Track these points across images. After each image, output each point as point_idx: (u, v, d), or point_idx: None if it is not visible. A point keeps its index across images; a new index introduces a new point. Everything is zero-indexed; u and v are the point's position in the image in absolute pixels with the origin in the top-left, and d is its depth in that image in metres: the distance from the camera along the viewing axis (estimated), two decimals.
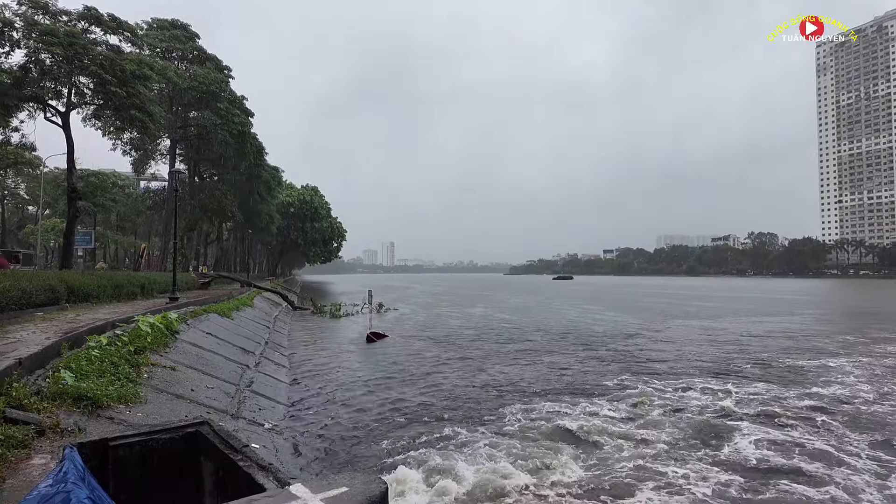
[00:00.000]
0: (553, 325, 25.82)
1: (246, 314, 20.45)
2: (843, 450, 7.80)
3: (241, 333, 15.82)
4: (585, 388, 11.95)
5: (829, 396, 11.11)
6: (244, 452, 4.35)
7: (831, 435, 8.55)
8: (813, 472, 6.93)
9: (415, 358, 16.36)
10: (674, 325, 26.00)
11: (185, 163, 42.35)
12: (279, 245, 78.88)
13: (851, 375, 13.35)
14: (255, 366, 12.20)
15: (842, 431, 8.73)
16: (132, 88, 23.08)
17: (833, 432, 8.69)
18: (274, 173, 59.43)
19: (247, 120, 41.99)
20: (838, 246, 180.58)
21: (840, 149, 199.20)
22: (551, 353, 17.42)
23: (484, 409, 10.03)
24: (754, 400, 10.73)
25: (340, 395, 11.30)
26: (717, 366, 14.88)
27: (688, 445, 8.02)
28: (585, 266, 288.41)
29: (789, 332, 22.99)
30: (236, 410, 7.98)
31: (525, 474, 6.74)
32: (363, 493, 3.36)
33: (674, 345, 19.10)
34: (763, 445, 7.98)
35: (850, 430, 8.83)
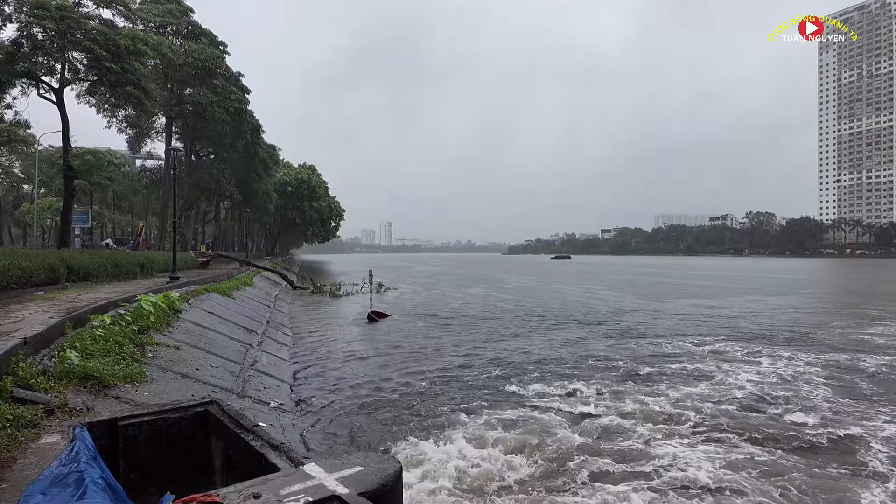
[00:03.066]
0: (557, 307, 25.85)
1: (247, 293, 20.43)
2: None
3: (243, 313, 15.81)
4: (600, 367, 12.00)
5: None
6: (255, 432, 4.35)
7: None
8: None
9: (417, 337, 16.40)
10: (684, 307, 26.09)
11: (181, 141, 41.92)
12: (277, 224, 78.61)
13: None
14: (258, 345, 12.20)
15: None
16: (127, 64, 22.62)
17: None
18: (271, 152, 58.96)
19: (243, 97, 41.43)
20: (836, 225, 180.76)
21: (840, 128, 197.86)
22: (556, 333, 17.46)
23: (492, 390, 10.04)
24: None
25: (345, 373, 11.32)
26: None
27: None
28: (583, 246, 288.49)
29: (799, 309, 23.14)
30: (242, 389, 7.99)
31: (529, 455, 6.78)
32: (378, 473, 3.36)
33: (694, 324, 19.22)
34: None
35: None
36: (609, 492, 5.78)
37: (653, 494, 5.75)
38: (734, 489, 5.85)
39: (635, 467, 6.41)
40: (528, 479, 6.11)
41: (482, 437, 7.32)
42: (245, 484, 3.10)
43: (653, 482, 6.04)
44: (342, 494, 2.92)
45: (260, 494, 2.90)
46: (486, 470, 6.25)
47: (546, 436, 7.36)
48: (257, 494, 2.90)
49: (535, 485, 5.96)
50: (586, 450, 6.89)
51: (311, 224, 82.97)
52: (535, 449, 6.90)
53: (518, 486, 5.94)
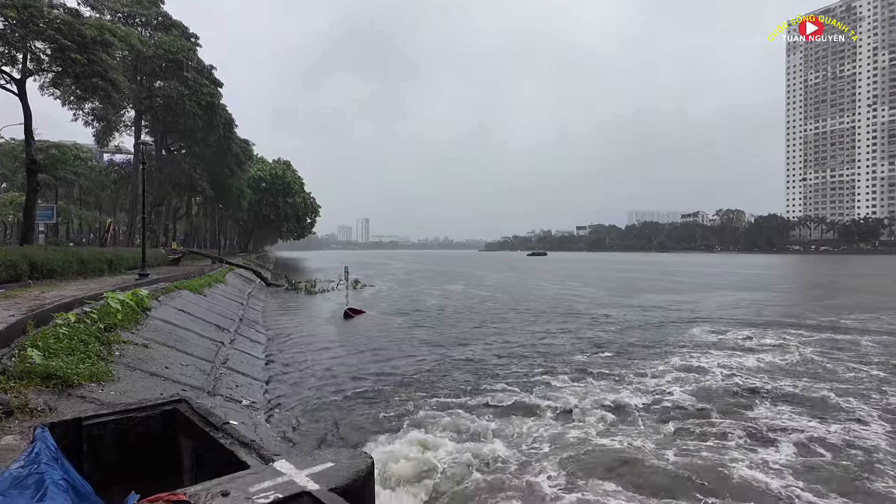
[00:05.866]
0: (536, 303, 26.06)
1: (219, 291, 20.09)
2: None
3: (215, 310, 15.55)
4: (580, 361, 12.14)
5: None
6: (224, 429, 4.28)
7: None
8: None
9: (394, 334, 16.35)
10: (661, 301, 26.58)
11: (151, 135, 40.87)
12: (251, 221, 77.44)
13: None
14: (230, 342, 12.02)
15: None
16: (93, 55, 21.95)
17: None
18: (245, 147, 57.99)
19: (216, 90, 40.61)
20: (801, 223, 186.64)
21: (806, 128, 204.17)
22: (533, 330, 17.60)
23: (467, 385, 10.08)
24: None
25: (319, 370, 11.23)
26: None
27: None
28: (559, 242, 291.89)
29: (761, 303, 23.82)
30: (213, 388, 7.86)
31: (507, 448, 6.84)
32: (349, 468, 3.34)
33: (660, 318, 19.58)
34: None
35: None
36: (597, 488, 5.88)
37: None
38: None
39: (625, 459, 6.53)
40: (506, 475, 6.15)
41: (457, 432, 7.34)
42: (213, 482, 3.05)
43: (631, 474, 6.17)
44: (313, 490, 2.89)
45: (228, 492, 2.86)
46: (462, 465, 6.29)
47: (523, 429, 7.44)
48: (226, 492, 2.86)
49: (511, 481, 6.01)
50: (563, 445, 6.99)
51: (285, 220, 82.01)
52: (512, 444, 6.96)
53: (493, 482, 5.98)
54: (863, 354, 12.95)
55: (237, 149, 51.80)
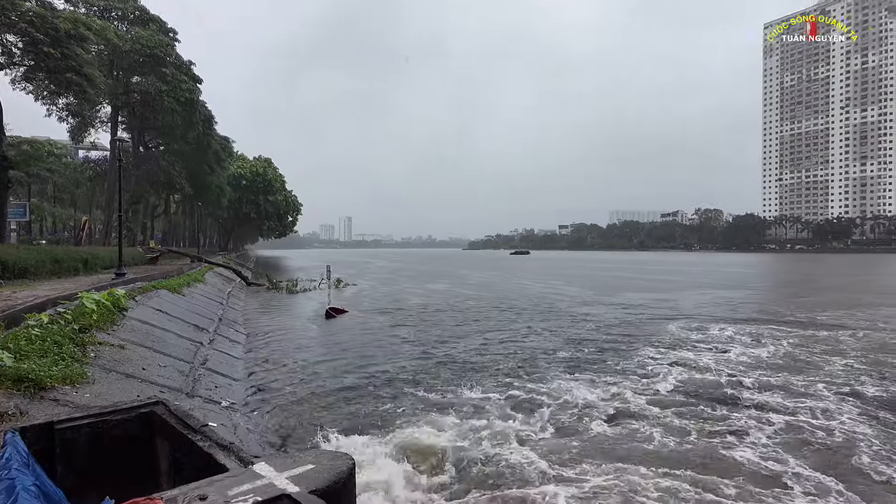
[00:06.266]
0: (519, 302, 26.14)
1: (198, 290, 19.80)
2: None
3: (194, 310, 15.32)
4: (562, 360, 12.23)
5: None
6: (203, 432, 4.21)
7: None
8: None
9: (376, 333, 16.29)
10: (644, 300, 26.88)
11: (128, 131, 40.05)
12: (231, 219, 76.49)
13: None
14: (209, 343, 11.85)
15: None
16: (67, 49, 21.45)
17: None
18: (224, 144, 57.27)
19: (195, 87, 39.95)
20: (777, 222, 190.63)
21: (782, 129, 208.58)
22: (517, 328, 17.68)
23: (451, 384, 10.07)
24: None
25: (300, 370, 11.13)
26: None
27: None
28: (542, 241, 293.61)
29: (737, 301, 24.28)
30: (191, 389, 7.75)
31: (491, 446, 6.86)
32: (330, 470, 3.32)
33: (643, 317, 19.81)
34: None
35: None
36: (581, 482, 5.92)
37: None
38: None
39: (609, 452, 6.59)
40: (485, 475, 6.17)
41: (440, 432, 7.34)
42: (191, 486, 3.00)
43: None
44: (293, 493, 2.87)
45: (206, 496, 2.82)
46: (445, 464, 6.29)
47: (505, 430, 7.47)
48: (203, 496, 2.82)
49: (490, 482, 6.03)
50: (548, 441, 7.03)
51: (266, 218, 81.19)
52: (495, 443, 6.98)
53: (472, 483, 5.99)
54: (839, 349, 13.42)
55: (217, 146, 51.13)
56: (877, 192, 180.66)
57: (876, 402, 8.91)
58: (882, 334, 15.60)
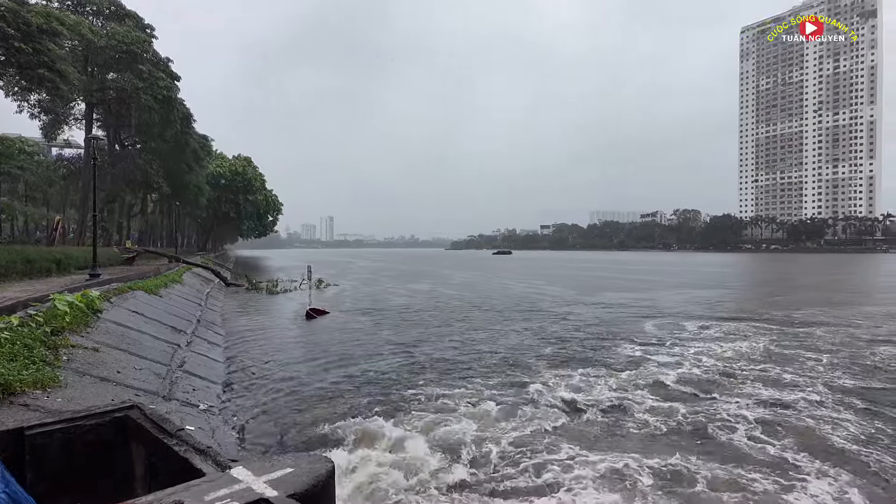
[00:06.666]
0: (501, 302, 26.22)
1: (175, 291, 19.47)
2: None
3: (171, 311, 15.06)
4: (543, 361, 12.29)
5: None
6: (179, 436, 4.14)
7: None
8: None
9: (357, 334, 16.20)
10: (625, 299, 27.18)
11: (103, 129, 39.22)
12: (210, 218, 75.43)
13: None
14: (187, 345, 11.66)
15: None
16: (39, 44, 20.91)
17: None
18: (203, 142, 56.50)
19: (172, 84, 39.30)
20: (753, 222, 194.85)
21: (758, 131, 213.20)
22: (499, 328, 17.73)
23: (433, 384, 10.06)
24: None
25: (280, 372, 11.02)
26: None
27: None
28: (523, 241, 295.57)
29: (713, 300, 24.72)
30: (168, 392, 7.62)
31: (475, 447, 6.87)
32: (309, 473, 3.29)
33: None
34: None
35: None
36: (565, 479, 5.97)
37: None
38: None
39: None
40: (462, 477, 6.18)
41: (422, 432, 7.34)
42: (166, 491, 2.95)
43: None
44: (270, 497, 2.84)
45: (182, 501, 2.78)
46: (426, 465, 6.28)
47: (488, 427, 7.49)
48: (179, 501, 2.77)
49: (470, 484, 6.04)
50: (528, 439, 7.08)
51: (246, 218, 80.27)
52: (478, 442, 7.00)
53: (452, 487, 6.00)
54: (815, 345, 13.94)
55: (195, 144, 50.39)
56: (848, 193, 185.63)
57: (849, 392, 9.47)
58: (856, 331, 16.17)
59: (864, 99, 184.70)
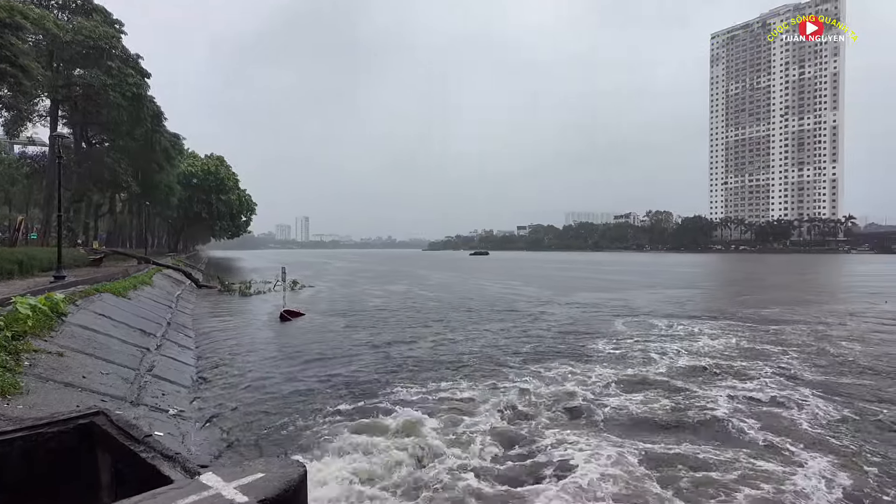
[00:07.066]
0: (478, 303, 26.28)
1: (145, 293, 19.02)
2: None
3: (140, 314, 14.71)
4: (519, 360, 12.36)
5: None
6: (146, 442, 4.05)
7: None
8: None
9: (333, 336, 16.06)
10: (601, 299, 27.51)
11: (69, 126, 38.16)
12: (181, 219, 73.89)
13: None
14: (156, 348, 11.41)
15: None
16: (2, 39, 20.23)
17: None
18: (175, 141, 55.32)
19: (142, 81, 38.40)
20: (723, 224, 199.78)
21: (728, 135, 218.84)
22: (476, 329, 17.78)
23: (409, 386, 10.04)
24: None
25: (253, 376, 10.85)
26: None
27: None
28: (500, 242, 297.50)
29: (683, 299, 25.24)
30: (136, 397, 7.44)
31: (447, 446, 6.88)
32: (281, 478, 3.24)
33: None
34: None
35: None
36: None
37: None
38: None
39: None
40: (446, 475, 6.19)
41: (396, 434, 7.31)
42: (132, 499, 2.87)
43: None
44: (240, 503, 2.80)
45: None
46: (401, 467, 6.27)
47: (464, 428, 7.51)
48: None
49: (452, 482, 6.05)
50: (502, 439, 7.12)
51: (218, 218, 78.89)
52: (454, 443, 7.01)
53: (426, 486, 6.00)
54: (783, 340, 14.68)
55: (166, 143, 49.32)
56: (812, 195, 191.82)
57: (814, 384, 10.14)
58: (821, 328, 16.93)
59: (827, 104, 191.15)
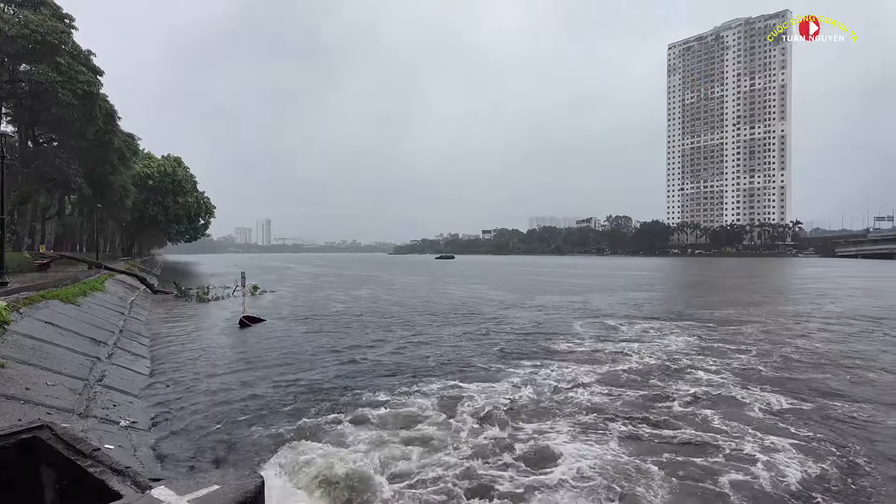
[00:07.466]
0: (444, 306, 26.29)
1: (96, 300, 18.25)
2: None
3: (91, 322, 14.10)
4: (472, 369, 12.41)
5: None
6: (94, 456, 3.87)
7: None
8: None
9: (294, 342, 15.77)
10: (563, 302, 27.91)
11: (14, 125, 36.36)
12: (136, 222, 71.31)
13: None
14: (108, 357, 10.96)
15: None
16: None
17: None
18: (129, 141, 53.54)
19: (94, 79, 36.98)
20: (679, 228, 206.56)
21: (684, 142, 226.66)
22: (440, 333, 17.78)
23: (370, 392, 9.94)
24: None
25: (209, 384, 10.55)
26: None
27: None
28: (466, 246, 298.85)
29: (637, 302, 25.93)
30: (85, 409, 7.12)
31: (411, 452, 6.86)
32: (237, 490, 3.16)
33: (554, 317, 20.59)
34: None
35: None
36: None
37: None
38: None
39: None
40: (409, 481, 6.17)
41: (358, 442, 7.25)
42: None
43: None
44: None
45: None
46: (361, 475, 6.21)
47: (426, 436, 7.50)
48: None
49: (413, 490, 6.04)
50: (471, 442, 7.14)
51: (175, 221, 76.50)
52: (415, 448, 6.99)
53: (392, 490, 5.97)
54: (737, 339, 15.42)
55: (120, 143, 47.63)
56: (763, 201, 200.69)
57: (765, 378, 10.87)
58: (772, 327, 17.95)
59: (776, 115, 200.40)
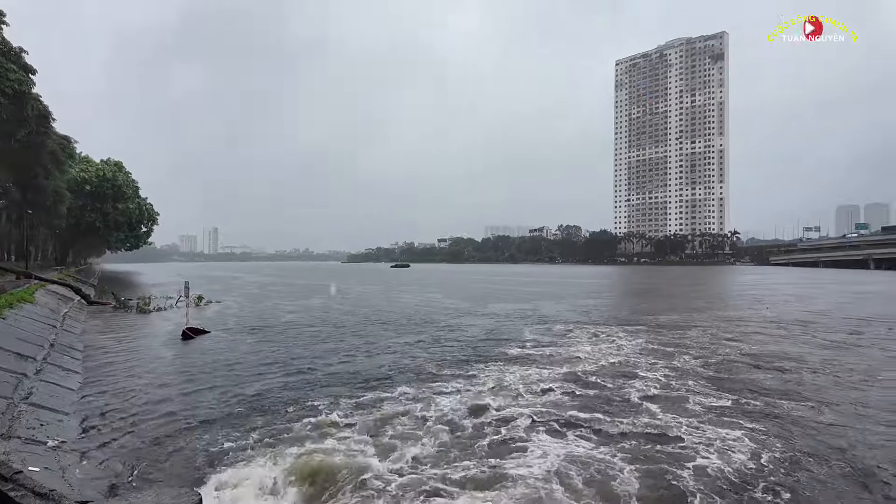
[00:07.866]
0: (397, 315, 26.17)
1: (24, 312, 17.11)
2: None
3: (17, 336, 13.21)
4: (425, 374, 12.39)
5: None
6: (15, 480, 3.66)
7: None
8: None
9: (238, 354, 15.27)
10: (515, 310, 28.25)
11: None
12: (71, 228, 67.40)
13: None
14: (35, 373, 10.29)
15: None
16: None
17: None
18: (65, 144, 50.73)
19: (26, 77, 34.91)
20: (626, 238, 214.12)
21: (630, 155, 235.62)
22: (394, 342, 17.66)
23: (318, 404, 9.77)
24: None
25: (147, 399, 10.06)
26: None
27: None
28: (421, 254, 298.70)
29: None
30: (8, 429, 6.66)
31: (364, 459, 6.79)
32: None
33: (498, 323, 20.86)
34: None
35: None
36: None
37: None
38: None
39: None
40: (368, 490, 6.10)
41: (300, 459, 7.10)
42: None
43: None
44: None
45: None
46: (309, 488, 6.10)
47: (381, 444, 7.43)
48: None
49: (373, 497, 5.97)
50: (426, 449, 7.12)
51: (115, 229, 72.83)
52: (375, 455, 6.92)
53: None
54: (682, 342, 16.47)
55: (54, 146, 45.03)
56: (703, 212, 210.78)
57: (706, 377, 11.74)
58: (713, 331, 19.11)
59: (714, 130, 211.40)
